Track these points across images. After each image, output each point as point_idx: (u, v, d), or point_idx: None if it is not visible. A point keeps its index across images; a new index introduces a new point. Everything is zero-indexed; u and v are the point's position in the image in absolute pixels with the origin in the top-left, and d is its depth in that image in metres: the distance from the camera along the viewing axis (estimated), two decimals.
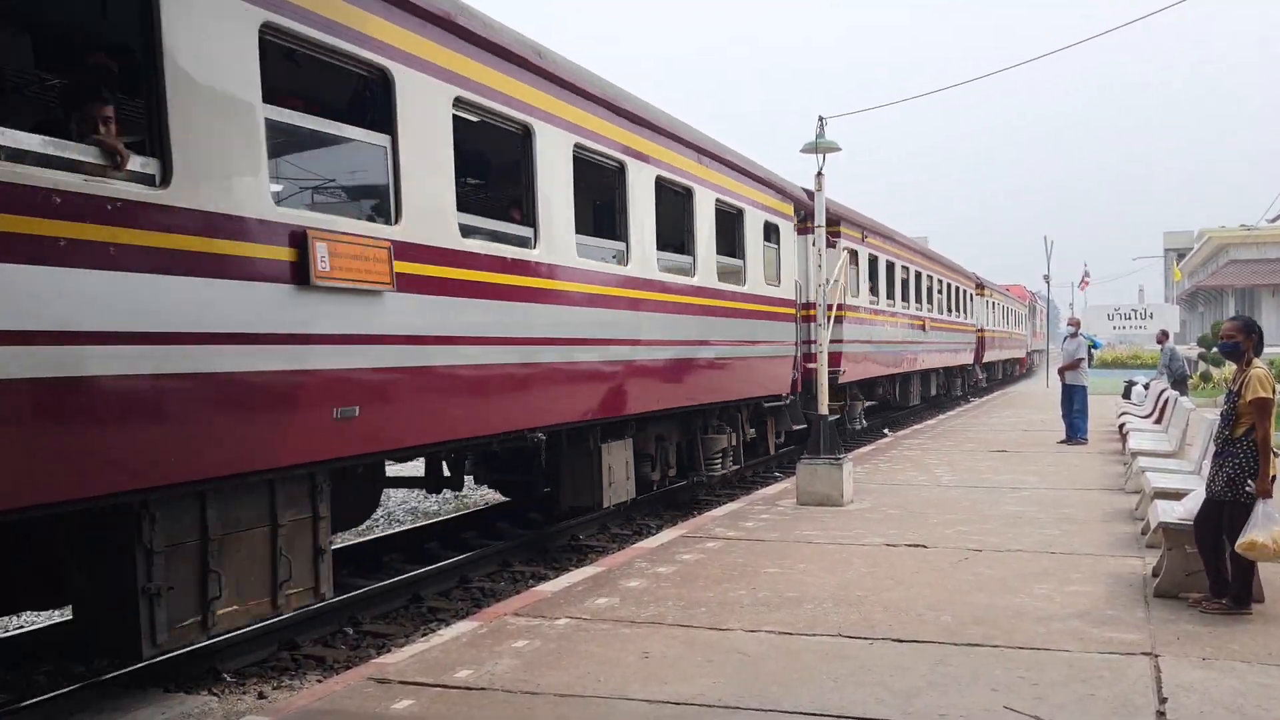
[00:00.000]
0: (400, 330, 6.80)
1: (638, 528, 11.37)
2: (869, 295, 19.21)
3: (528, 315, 8.14)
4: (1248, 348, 6.67)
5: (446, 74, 7.31)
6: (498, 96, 7.88)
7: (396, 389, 6.78)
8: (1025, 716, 4.76)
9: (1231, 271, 57.15)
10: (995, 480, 12.62)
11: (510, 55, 7.99)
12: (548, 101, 8.53)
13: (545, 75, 8.46)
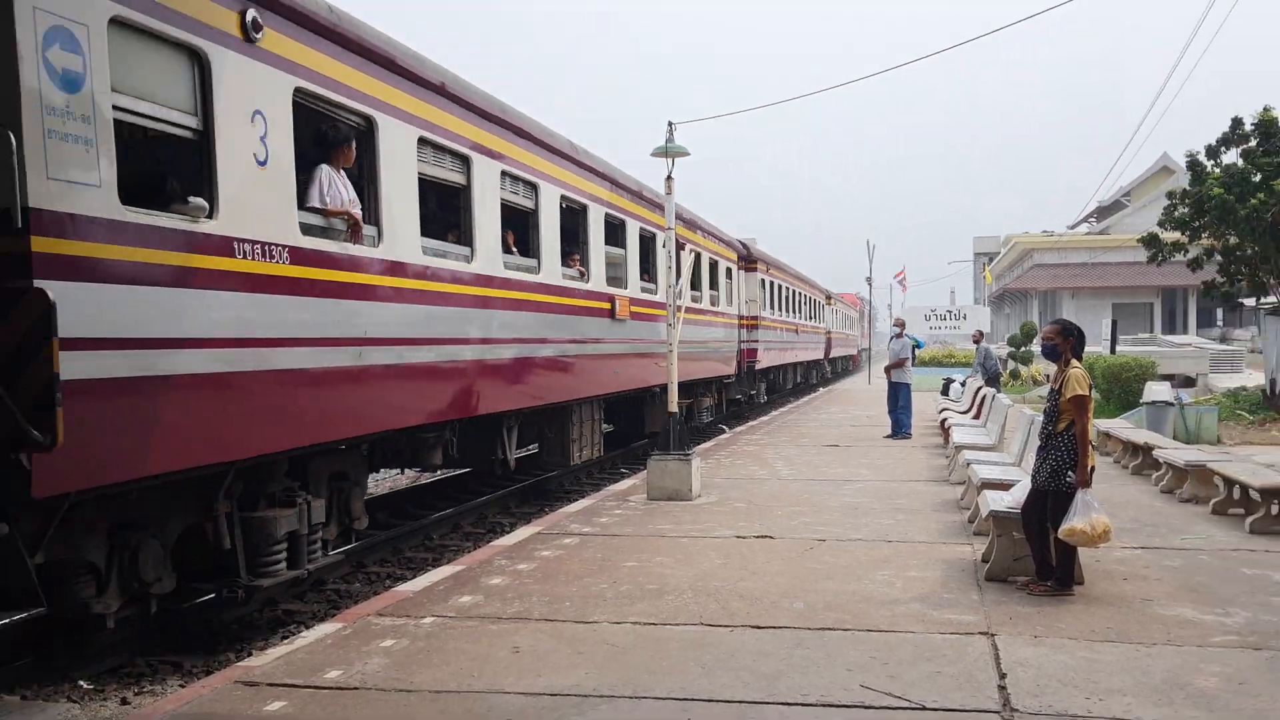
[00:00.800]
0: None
1: (491, 526, 11.42)
2: (771, 309, 26.96)
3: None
4: (1065, 349, 7.25)
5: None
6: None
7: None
8: (881, 693, 5.11)
9: (1036, 275, 60.78)
10: (831, 474, 13.20)
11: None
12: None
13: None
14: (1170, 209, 21.85)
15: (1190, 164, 21.45)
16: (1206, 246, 21.31)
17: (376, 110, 8.16)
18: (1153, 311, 57.13)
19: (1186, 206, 21.10)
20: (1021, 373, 37.94)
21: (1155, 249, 22.08)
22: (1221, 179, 19.99)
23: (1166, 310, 58.03)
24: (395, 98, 8.45)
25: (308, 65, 7.33)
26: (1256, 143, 20.09)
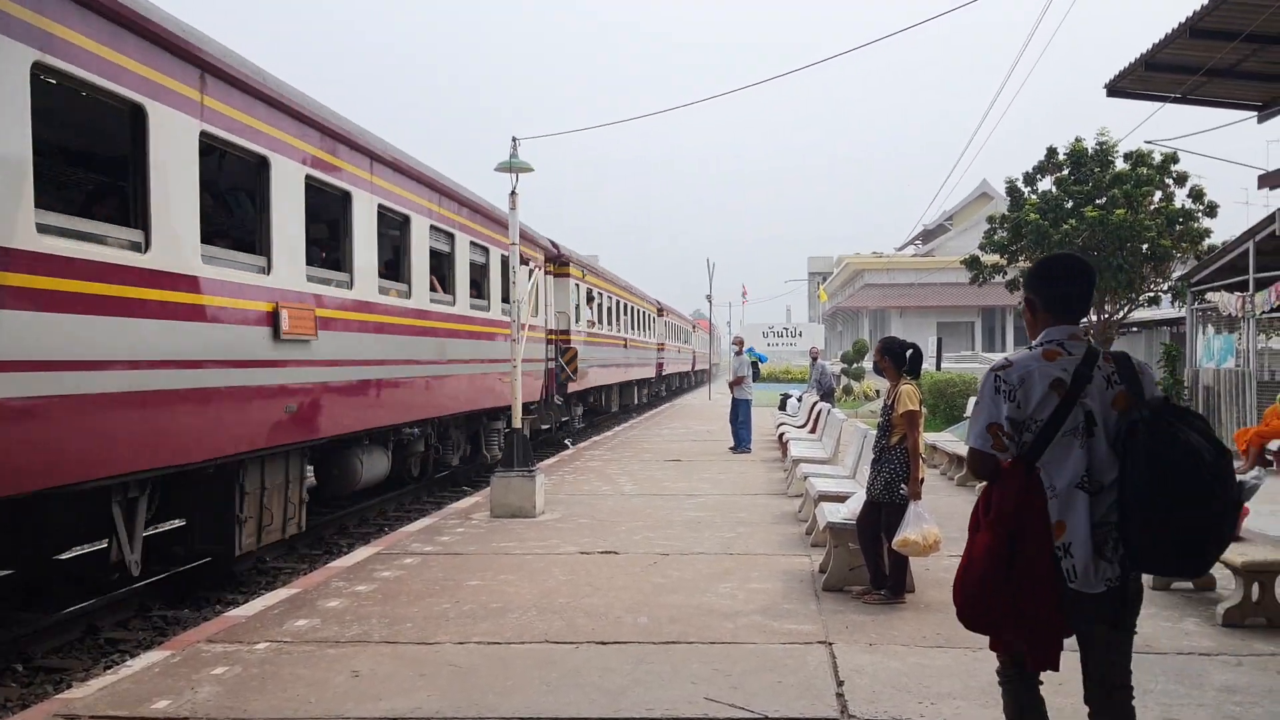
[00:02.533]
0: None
1: (328, 547, 11.09)
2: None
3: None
4: (885, 368, 7.53)
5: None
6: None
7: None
8: (725, 705, 5.18)
9: (867, 294, 63.09)
10: (673, 488, 13.35)
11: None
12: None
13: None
14: (990, 233, 23.00)
15: (1009, 190, 22.63)
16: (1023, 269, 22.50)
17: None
18: (974, 330, 60.03)
19: (1005, 230, 22.24)
20: (854, 389, 39.26)
21: (976, 270, 23.19)
22: (1038, 205, 21.17)
23: (986, 328, 61.06)
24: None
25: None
26: (1068, 171, 21.37)
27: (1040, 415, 3.43)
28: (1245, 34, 12.96)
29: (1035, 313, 3.64)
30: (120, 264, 6.88)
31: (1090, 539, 3.35)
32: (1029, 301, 3.67)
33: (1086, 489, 3.37)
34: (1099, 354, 3.50)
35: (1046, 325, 3.59)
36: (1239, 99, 16.45)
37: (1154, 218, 20.23)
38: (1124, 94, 16.48)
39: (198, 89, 7.79)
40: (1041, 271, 3.67)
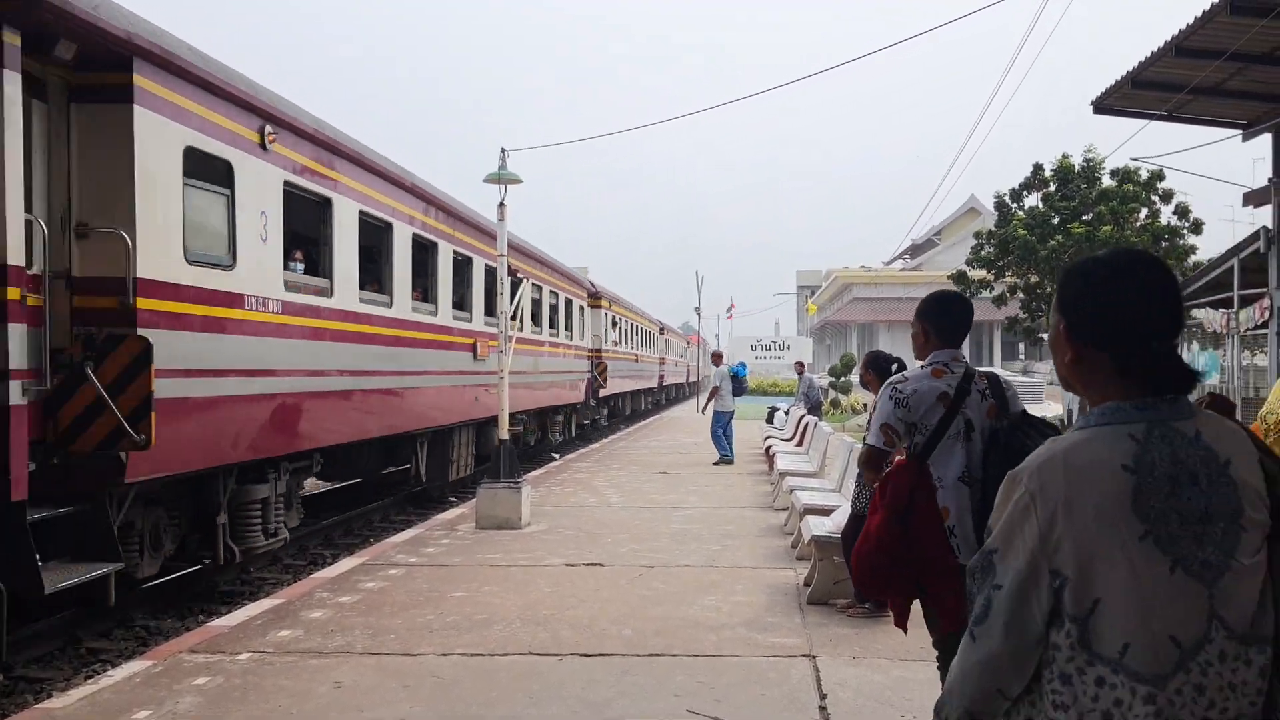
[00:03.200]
0: None
1: (312, 558, 11.04)
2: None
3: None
4: (870, 381, 7.55)
5: None
6: None
7: None
8: (707, 718, 5.18)
9: (855, 308, 63.29)
10: (660, 500, 13.34)
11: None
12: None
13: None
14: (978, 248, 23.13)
15: (998, 205, 22.77)
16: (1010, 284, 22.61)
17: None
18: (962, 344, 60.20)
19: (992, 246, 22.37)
20: (841, 402, 39.34)
21: (964, 285, 23.28)
22: (1025, 220, 21.29)
23: (973, 343, 61.27)
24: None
25: None
26: (1055, 188, 21.51)
27: (929, 422, 4.04)
28: (1229, 53, 13.08)
29: (927, 338, 4.28)
30: (418, 321, 12.87)
31: (971, 522, 3.95)
32: (922, 329, 4.30)
33: (967, 482, 4.00)
34: (975, 373, 4.18)
35: (935, 349, 4.24)
36: (1224, 117, 16.59)
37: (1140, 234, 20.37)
38: (1110, 111, 16.62)
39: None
40: (935, 306, 4.33)
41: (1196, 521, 1.78)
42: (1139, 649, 1.74)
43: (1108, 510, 1.78)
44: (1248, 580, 1.78)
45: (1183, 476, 1.79)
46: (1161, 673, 1.73)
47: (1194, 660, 1.74)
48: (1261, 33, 12.46)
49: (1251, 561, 1.79)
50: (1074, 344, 1.95)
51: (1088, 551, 1.78)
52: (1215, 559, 1.78)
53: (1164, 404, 1.86)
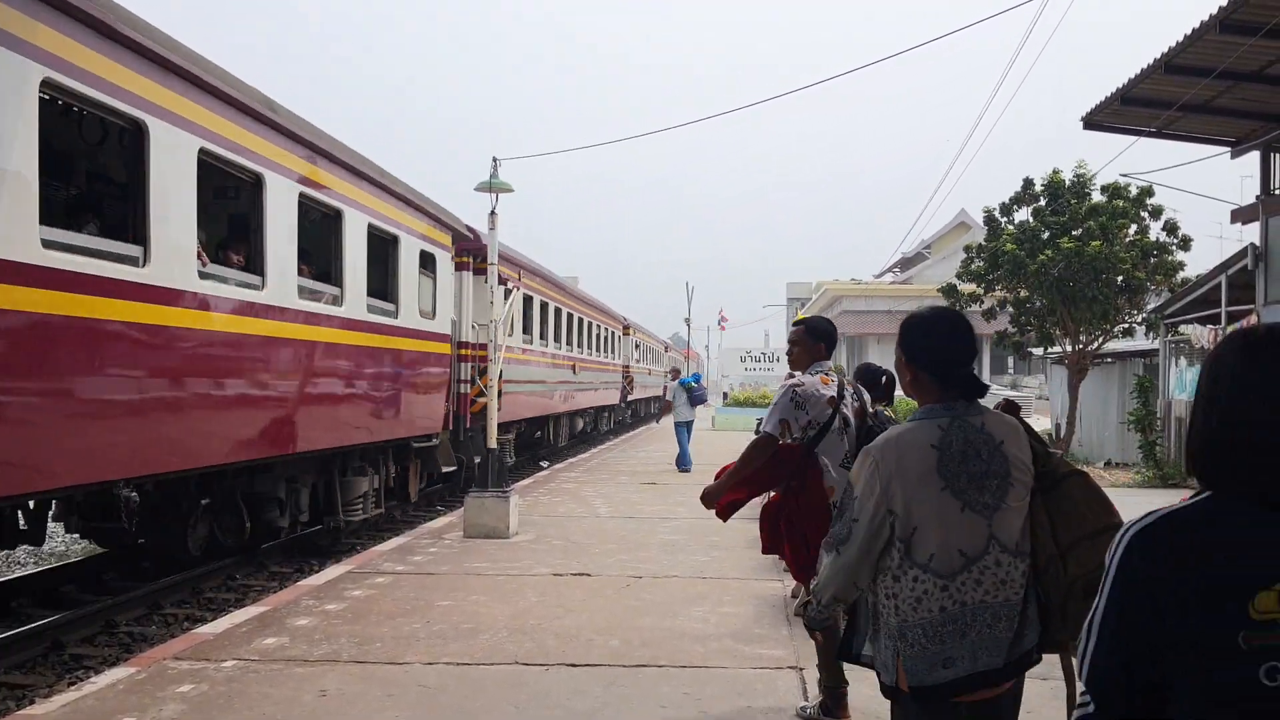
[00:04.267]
0: None
1: (298, 565, 11.00)
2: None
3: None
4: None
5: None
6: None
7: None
8: None
9: (844, 321, 63.28)
10: (648, 511, 13.33)
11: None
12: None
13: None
14: (968, 262, 23.15)
15: (987, 219, 22.78)
16: (1000, 298, 22.62)
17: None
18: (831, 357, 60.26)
19: (982, 260, 22.40)
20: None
21: (953, 299, 23.29)
22: (1015, 235, 21.33)
23: None
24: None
25: None
26: (1045, 202, 21.56)
27: (819, 418, 5.14)
28: (1219, 71, 13.16)
29: (808, 350, 5.42)
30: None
31: None
32: (804, 343, 5.44)
33: (845, 466, 4.89)
34: (845, 382, 5.46)
35: (816, 359, 5.39)
36: (1213, 134, 16.69)
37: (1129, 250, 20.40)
38: (1100, 127, 16.70)
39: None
40: (817, 328, 5.55)
41: (978, 479, 2.90)
42: (939, 558, 2.87)
43: (922, 473, 2.89)
44: (1014, 516, 2.93)
45: (970, 451, 2.92)
46: (953, 572, 2.86)
47: (975, 565, 2.87)
48: (1250, 51, 12.54)
49: (1017, 505, 2.94)
50: (910, 368, 3.11)
51: (910, 498, 2.87)
52: (991, 502, 2.91)
53: (961, 406, 3.00)
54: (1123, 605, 1.83)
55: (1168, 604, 1.76)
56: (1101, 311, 20.40)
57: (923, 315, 3.20)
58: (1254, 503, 1.76)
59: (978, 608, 2.87)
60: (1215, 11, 11.89)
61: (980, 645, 2.88)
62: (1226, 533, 1.77)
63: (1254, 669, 1.67)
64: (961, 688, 2.87)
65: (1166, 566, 1.78)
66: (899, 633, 2.91)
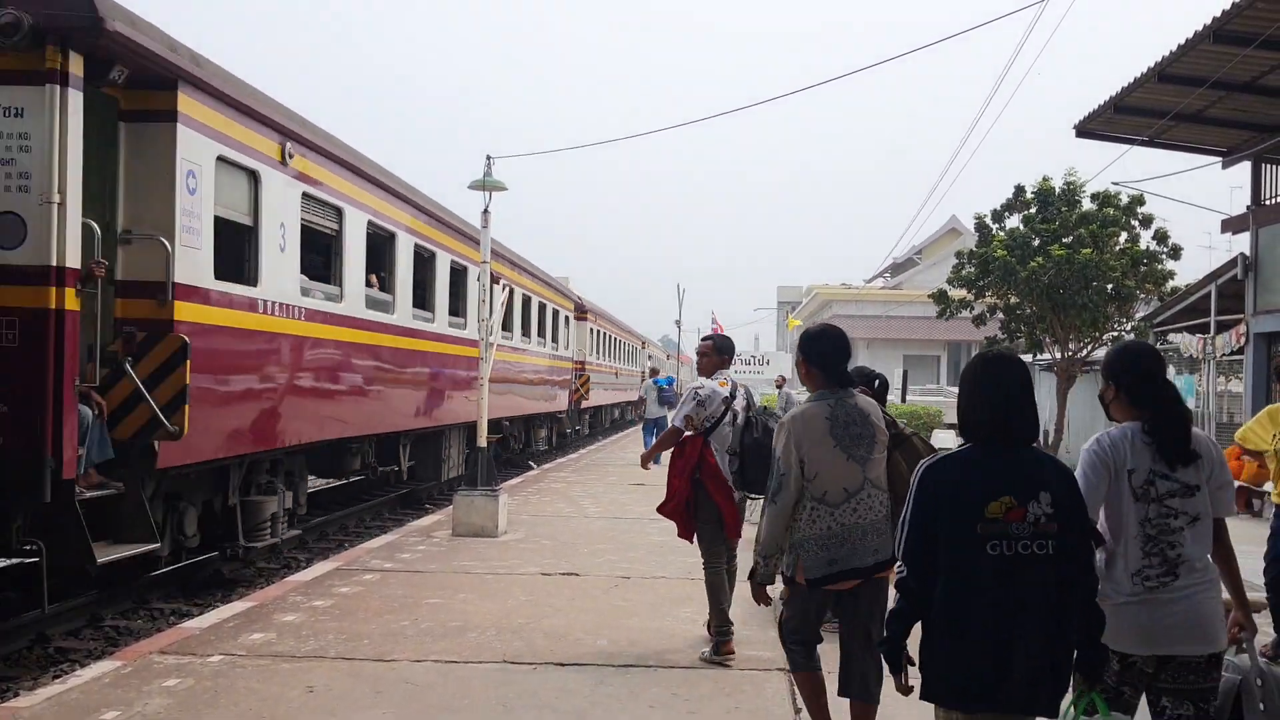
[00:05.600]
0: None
1: (286, 561, 10.96)
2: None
3: None
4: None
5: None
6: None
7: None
8: None
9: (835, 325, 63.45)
10: (637, 512, 13.30)
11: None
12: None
13: None
14: (958, 268, 23.19)
15: (978, 226, 22.84)
16: (990, 305, 22.66)
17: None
18: (940, 363, 60.44)
19: (973, 266, 22.45)
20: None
21: (944, 305, 23.34)
22: (1005, 242, 21.38)
23: (952, 362, 61.46)
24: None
25: None
26: (1035, 210, 21.62)
27: (715, 414, 6.64)
28: (1212, 81, 13.22)
29: (713, 362, 6.90)
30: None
31: (732, 473, 6.55)
32: (711, 356, 6.93)
33: (730, 452, 6.49)
34: (737, 385, 6.80)
35: (719, 368, 6.87)
36: (1205, 144, 16.76)
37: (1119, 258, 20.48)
38: (1093, 135, 16.76)
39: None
40: (722, 346, 7.05)
41: (856, 439, 4.41)
42: (831, 494, 4.36)
43: (819, 436, 4.38)
44: (879, 464, 4.49)
45: (849, 420, 4.44)
46: (839, 502, 4.35)
47: (854, 497, 4.37)
48: (1243, 62, 12.61)
49: (880, 456, 4.51)
50: (806, 365, 4.64)
51: (812, 453, 4.36)
52: (865, 454, 4.43)
53: (842, 391, 4.56)
54: (919, 508, 3.18)
55: (941, 507, 3.14)
56: (1091, 319, 20.46)
57: (816, 329, 4.68)
58: (986, 449, 3.20)
59: (853, 527, 4.34)
60: (1209, 22, 11.95)
61: (854, 551, 4.34)
62: (973, 466, 3.18)
63: (983, 544, 3.06)
64: (839, 579, 4.36)
65: (942, 486, 3.17)
66: (800, 545, 4.40)
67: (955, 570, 3.06)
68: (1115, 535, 3.45)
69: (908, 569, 3.15)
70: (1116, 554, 3.44)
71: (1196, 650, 3.36)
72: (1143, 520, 3.39)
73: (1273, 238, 15.62)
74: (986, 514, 3.04)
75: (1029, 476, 3.10)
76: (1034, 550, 3.04)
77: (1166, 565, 3.38)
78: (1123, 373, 3.58)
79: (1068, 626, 3.09)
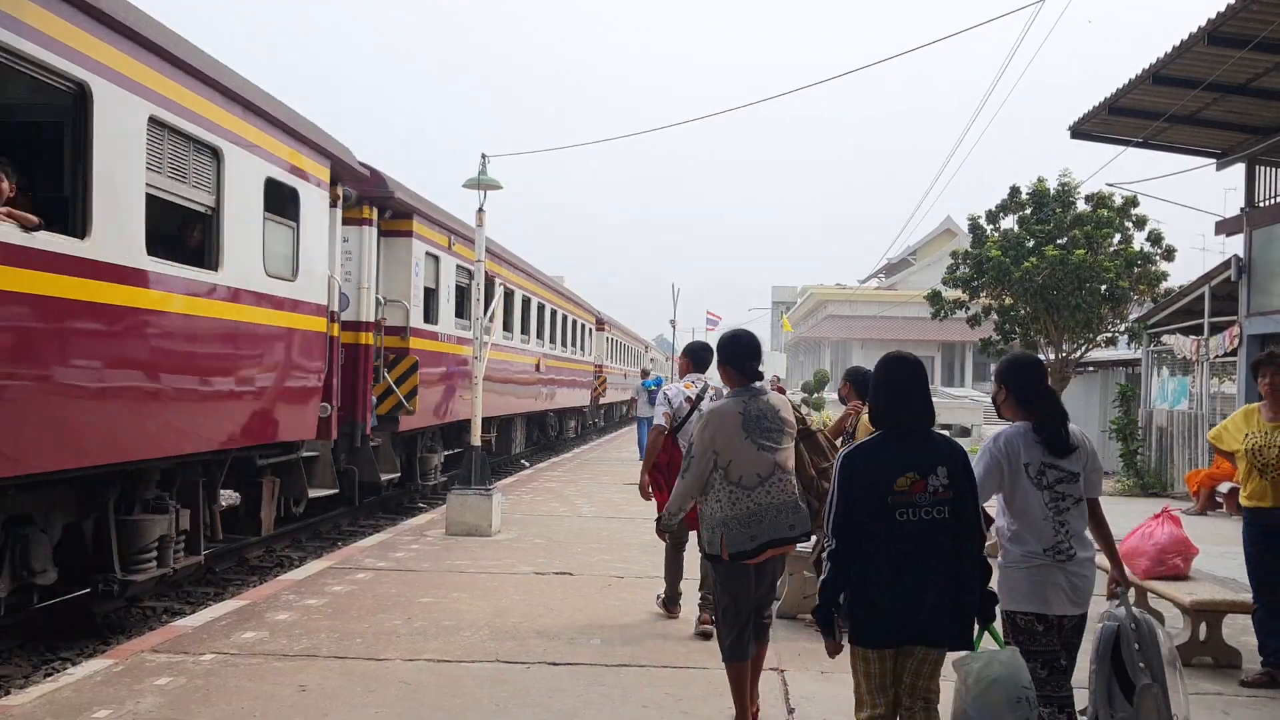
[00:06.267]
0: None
1: (279, 559, 10.94)
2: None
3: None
4: (846, 393, 7.60)
5: None
6: None
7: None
8: None
9: (829, 325, 63.46)
10: (630, 511, 13.29)
11: None
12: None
13: None
14: (953, 268, 23.21)
15: (972, 226, 22.84)
16: (984, 305, 22.66)
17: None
18: (934, 364, 60.52)
19: (967, 266, 22.46)
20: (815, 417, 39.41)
21: (938, 305, 23.34)
22: (1000, 242, 21.40)
23: (946, 363, 61.58)
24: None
25: None
26: (1030, 210, 21.64)
27: (680, 413, 7.27)
28: (1206, 83, 13.23)
29: (684, 364, 7.61)
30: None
31: None
32: (683, 359, 7.64)
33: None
34: (708, 385, 7.32)
35: (686, 372, 7.50)
36: (1199, 145, 16.78)
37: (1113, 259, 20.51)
38: (1087, 136, 16.77)
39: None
40: (693, 352, 7.56)
41: (766, 431, 4.94)
42: (745, 478, 4.88)
43: (733, 429, 4.91)
44: (788, 453, 5.07)
45: (760, 415, 4.96)
46: (753, 486, 4.88)
47: (766, 481, 4.90)
48: (1238, 64, 12.62)
49: (788, 446, 5.08)
50: (723, 366, 5.22)
51: (727, 444, 4.89)
52: (774, 445, 4.97)
53: (754, 389, 5.09)
54: (843, 489, 3.83)
55: (860, 486, 3.81)
56: (1085, 320, 20.48)
57: (729, 335, 5.37)
58: (891, 436, 3.90)
59: (769, 506, 4.90)
60: (1204, 23, 11.96)
61: (772, 526, 4.90)
62: (884, 450, 3.86)
63: (893, 513, 3.75)
64: (759, 551, 4.90)
65: (859, 468, 3.84)
66: (722, 523, 4.92)
67: (873, 536, 3.76)
68: (1024, 518, 4.22)
69: (837, 540, 3.81)
70: (1027, 534, 4.20)
71: (1080, 610, 4.25)
72: (1044, 504, 4.18)
73: (1267, 239, 15.64)
74: (895, 488, 3.76)
75: (928, 456, 3.83)
76: (934, 515, 3.77)
77: (1067, 540, 4.18)
78: (1013, 381, 4.36)
79: (964, 576, 3.80)
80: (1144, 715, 4.18)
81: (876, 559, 3.75)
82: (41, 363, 6.09)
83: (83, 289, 6.37)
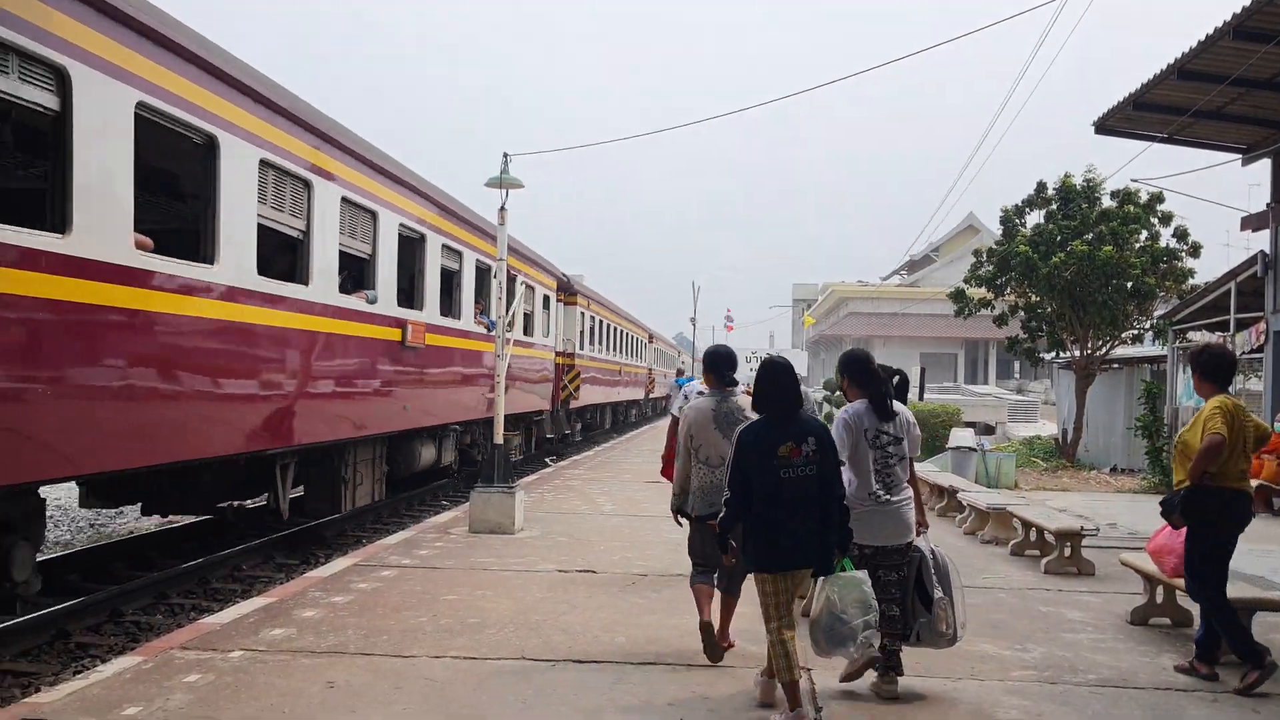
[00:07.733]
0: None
1: (305, 557, 11.02)
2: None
3: None
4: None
5: None
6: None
7: None
8: None
9: (851, 322, 63.28)
10: (653, 510, 13.29)
11: None
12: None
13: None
14: (976, 266, 23.12)
15: (1004, 220, 22.71)
16: (1010, 303, 22.55)
17: None
18: (957, 361, 60.26)
19: (992, 264, 22.36)
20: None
21: (962, 303, 23.26)
22: (1029, 237, 21.29)
23: (969, 361, 61.31)
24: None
25: None
26: (1057, 206, 21.53)
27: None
28: (1233, 78, 13.12)
29: (705, 369, 7.26)
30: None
31: None
32: (704, 364, 7.20)
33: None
34: (733, 393, 7.01)
35: (710, 385, 6.99)
36: (1224, 141, 16.64)
37: (1139, 256, 20.39)
38: (1112, 132, 16.66)
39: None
40: (710, 357, 6.94)
41: (732, 425, 6.08)
42: (712, 459, 6.29)
43: (705, 422, 6.35)
44: None
45: (729, 412, 6.35)
46: (716, 466, 6.23)
47: (727, 463, 5.58)
48: (1265, 58, 12.51)
49: None
50: (706, 373, 6.72)
51: (700, 433, 6.35)
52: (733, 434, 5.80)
53: (726, 391, 6.54)
54: (739, 456, 5.27)
55: (751, 453, 5.23)
56: (1111, 317, 20.35)
57: (711, 349, 6.77)
58: (772, 417, 5.35)
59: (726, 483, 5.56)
60: (1230, 18, 11.86)
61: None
62: (770, 427, 5.29)
63: (777, 472, 5.16)
64: (714, 517, 5.70)
65: (750, 440, 5.27)
66: (695, 494, 6.34)
67: (762, 489, 5.16)
68: (860, 469, 5.80)
69: (731, 493, 5.31)
70: (860, 481, 5.77)
71: (900, 540, 5.83)
72: (875, 460, 5.82)
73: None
74: (779, 454, 5.17)
75: (800, 431, 5.26)
76: (806, 473, 5.18)
77: (888, 487, 5.82)
78: (849, 371, 6.18)
79: (828, 516, 5.20)
80: (935, 619, 5.81)
81: (764, 507, 5.16)
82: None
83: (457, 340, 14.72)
